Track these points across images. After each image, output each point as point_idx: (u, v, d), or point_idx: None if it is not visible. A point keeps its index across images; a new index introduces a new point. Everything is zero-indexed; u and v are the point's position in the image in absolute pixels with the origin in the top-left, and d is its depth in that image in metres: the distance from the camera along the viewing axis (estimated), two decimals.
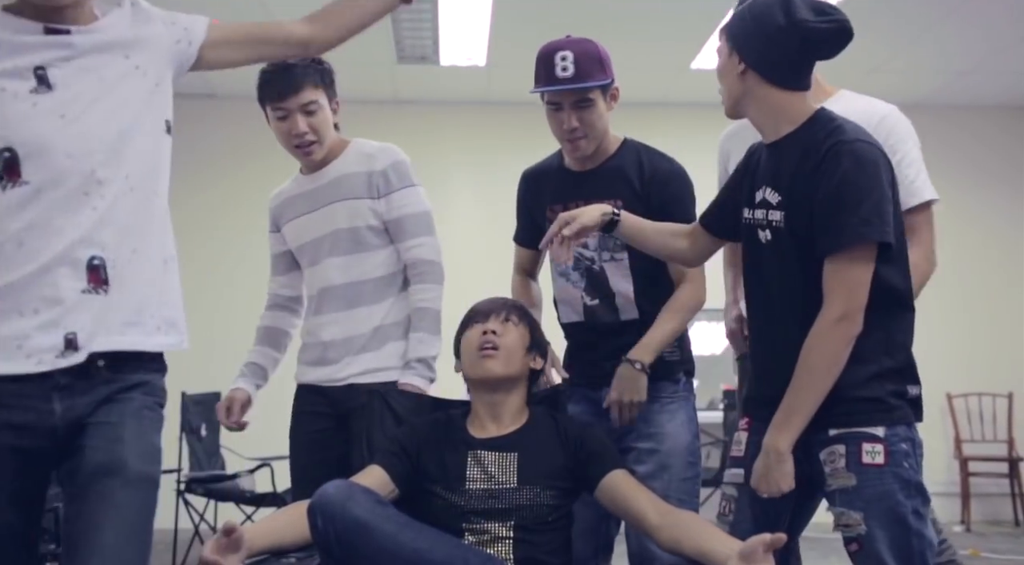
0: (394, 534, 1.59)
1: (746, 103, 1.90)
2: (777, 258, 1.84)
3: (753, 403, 1.95)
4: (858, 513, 1.71)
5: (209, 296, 6.66)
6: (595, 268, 2.28)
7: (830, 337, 1.71)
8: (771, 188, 1.86)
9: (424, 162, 7.84)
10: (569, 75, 2.18)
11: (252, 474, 4.77)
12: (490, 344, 1.96)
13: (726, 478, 1.94)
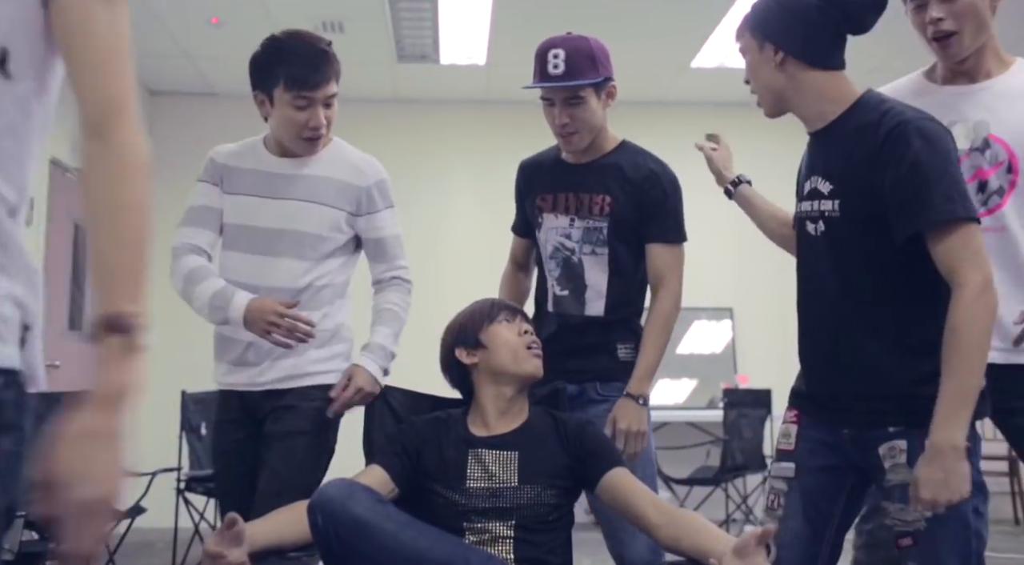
0: (394, 533, 1.59)
1: (790, 95, 1.83)
2: (833, 249, 1.78)
3: (803, 398, 1.89)
4: (916, 511, 1.68)
5: None
6: (574, 259, 2.33)
7: (975, 311, 1.61)
8: (822, 177, 1.81)
9: (424, 161, 7.89)
10: (559, 73, 2.22)
11: None
12: (537, 344, 2.03)
13: (774, 471, 1.89)
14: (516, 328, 2.03)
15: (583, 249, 2.32)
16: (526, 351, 2.00)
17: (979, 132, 1.94)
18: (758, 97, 1.89)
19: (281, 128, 2.27)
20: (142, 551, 5.32)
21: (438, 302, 2.63)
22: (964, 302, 1.62)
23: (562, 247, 2.34)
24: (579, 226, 2.32)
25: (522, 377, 2.01)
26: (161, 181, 5.70)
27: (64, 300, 5.52)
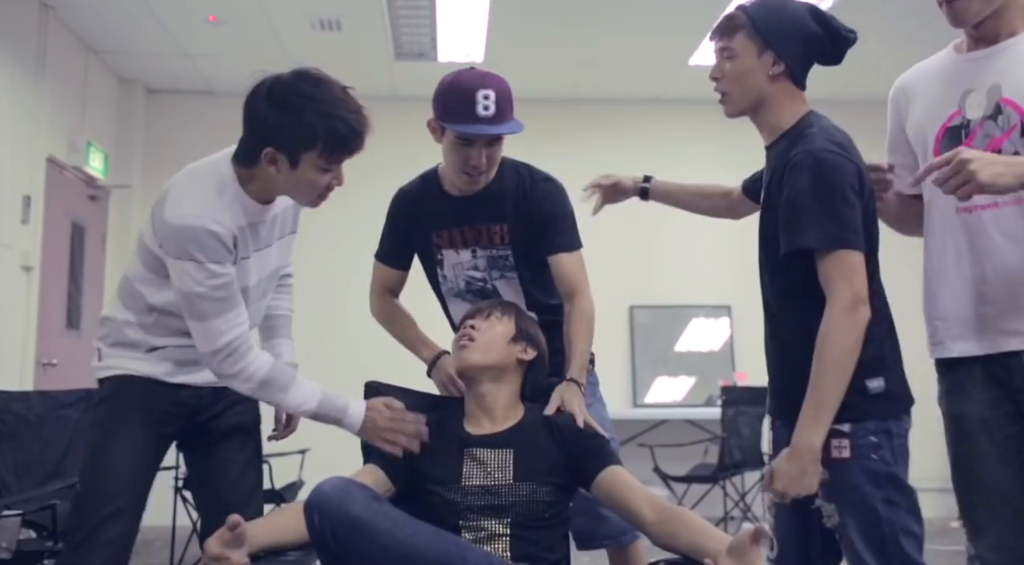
0: (390, 531, 1.59)
1: (765, 105, 1.94)
2: (763, 261, 1.99)
3: (772, 402, 2.04)
4: (831, 505, 1.82)
5: None
6: (488, 287, 2.35)
7: (841, 325, 1.75)
8: (764, 190, 1.98)
9: (421, 159, 7.85)
10: (491, 115, 2.20)
11: None
12: (466, 336, 2.02)
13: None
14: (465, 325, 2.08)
15: (492, 275, 2.35)
16: (455, 345, 2.05)
17: (992, 98, 1.87)
18: (728, 96, 1.97)
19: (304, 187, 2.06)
20: (140, 549, 5.32)
21: (434, 300, 2.62)
22: (832, 316, 1.76)
23: (473, 280, 2.37)
24: (482, 255, 2.34)
25: (458, 373, 2.07)
26: (158, 179, 5.74)
27: (62, 299, 5.51)
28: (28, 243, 5.01)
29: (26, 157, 5.05)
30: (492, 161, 2.26)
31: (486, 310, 2.07)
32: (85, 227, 5.83)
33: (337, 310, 6.65)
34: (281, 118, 1.94)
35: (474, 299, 2.35)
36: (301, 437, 6.38)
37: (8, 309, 4.85)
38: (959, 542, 6.13)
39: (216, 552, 1.61)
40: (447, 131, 2.26)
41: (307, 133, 1.95)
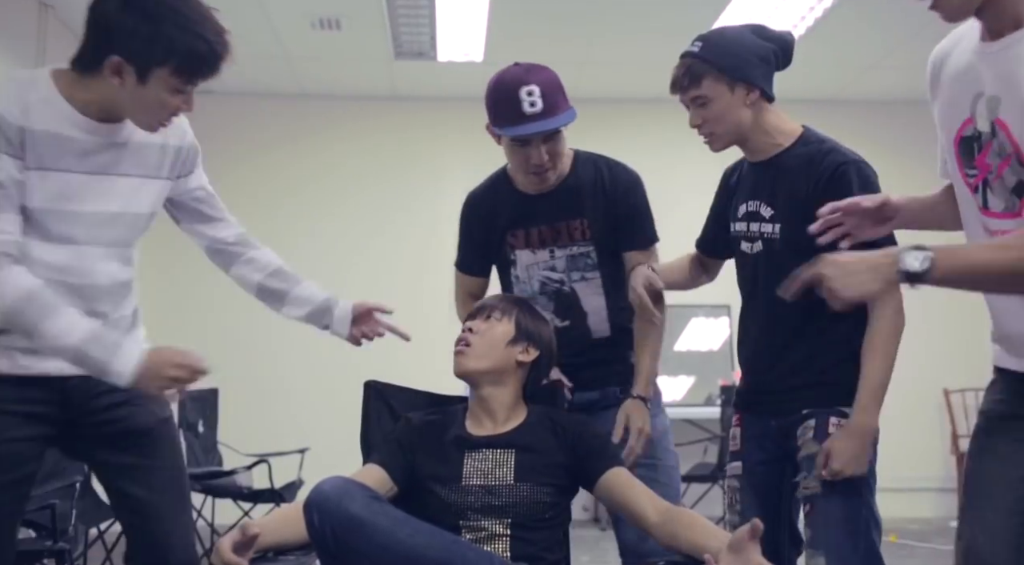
0: (390, 530, 1.59)
1: (748, 131, 2.05)
2: (771, 267, 1.99)
3: (741, 398, 2.17)
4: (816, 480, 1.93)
5: (204, 292, 6.65)
6: (565, 290, 2.24)
7: (893, 324, 1.94)
8: (763, 203, 2.05)
9: (421, 158, 7.88)
10: (539, 110, 2.08)
11: (250, 470, 4.77)
12: (462, 341, 2.00)
13: (728, 471, 2.15)
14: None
15: (572, 277, 2.24)
16: (454, 350, 2.01)
17: (991, 113, 1.54)
18: (715, 135, 2.05)
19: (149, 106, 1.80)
20: None
21: (433, 300, 2.62)
22: (887, 315, 1.92)
23: (549, 281, 2.26)
24: (561, 255, 2.23)
25: (458, 378, 2.02)
26: None
27: None
28: None
29: None
30: (556, 155, 2.15)
31: (487, 310, 2.04)
32: None
33: None
34: (138, 26, 1.71)
35: (547, 303, 2.25)
36: (301, 437, 6.41)
37: None
38: None
39: (233, 560, 1.60)
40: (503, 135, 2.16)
41: (164, 46, 1.71)
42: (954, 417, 6.74)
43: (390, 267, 6.69)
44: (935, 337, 6.95)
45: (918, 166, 3.09)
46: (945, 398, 6.78)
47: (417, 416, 2.03)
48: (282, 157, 6.82)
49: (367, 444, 2.11)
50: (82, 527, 3.78)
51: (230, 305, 6.71)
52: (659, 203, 2.49)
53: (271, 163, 6.81)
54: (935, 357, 6.92)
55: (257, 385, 6.52)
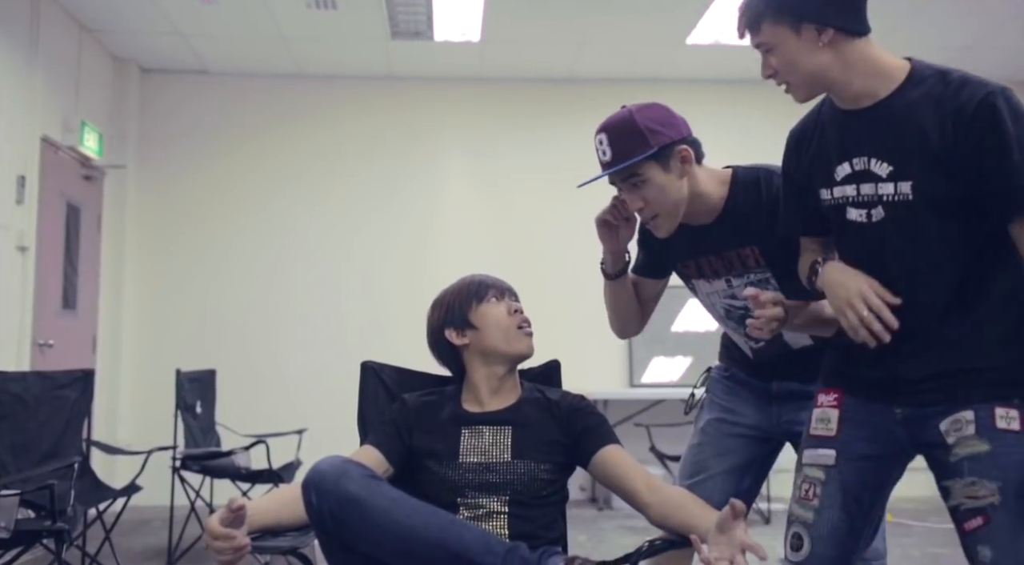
0: (388, 510, 1.60)
1: (835, 75, 1.67)
2: (904, 234, 1.65)
3: (849, 378, 1.78)
4: (993, 483, 1.58)
5: (203, 274, 6.65)
6: (752, 315, 1.96)
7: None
8: (875, 158, 1.67)
9: (418, 138, 7.84)
10: (608, 159, 1.99)
11: (247, 451, 4.78)
12: (528, 323, 2.02)
13: (809, 459, 1.77)
14: (505, 306, 2.02)
15: None
16: (517, 330, 2.00)
17: None
18: (792, 85, 1.71)
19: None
20: (139, 529, 5.34)
21: (431, 280, 2.62)
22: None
23: (732, 308, 2.12)
24: (739, 284, 2.06)
25: (514, 357, 2.01)
26: (153, 159, 5.72)
27: (58, 279, 5.50)
28: (23, 223, 5.00)
29: (20, 137, 5.02)
30: (651, 203, 1.99)
31: (513, 293, 2.09)
32: (80, 207, 5.81)
33: (333, 291, 6.64)
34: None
35: (737, 326, 2.13)
36: (299, 417, 6.44)
37: (4, 290, 4.84)
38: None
39: (221, 532, 1.60)
40: None
41: None
42: None
43: (388, 247, 6.68)
44: None
45: None
46: None
47: (413, 397, 2.04)
48: (279, 137, 6.79)
49: (364, 424, 2.12)
50: (81, 507, 3.79)
51: (227, 286, 6.73)
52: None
53: (268, 143, 6.79)
54: None
55: (255, 366, 6.52)
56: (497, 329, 1.99)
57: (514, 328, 2.00)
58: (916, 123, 1.63)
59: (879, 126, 1.67)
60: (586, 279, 7.78)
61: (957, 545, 1.67)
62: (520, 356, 2.01)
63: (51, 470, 3.60)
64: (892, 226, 1.67)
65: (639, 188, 1.99)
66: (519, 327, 2.00)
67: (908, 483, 7.07)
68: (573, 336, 6.51)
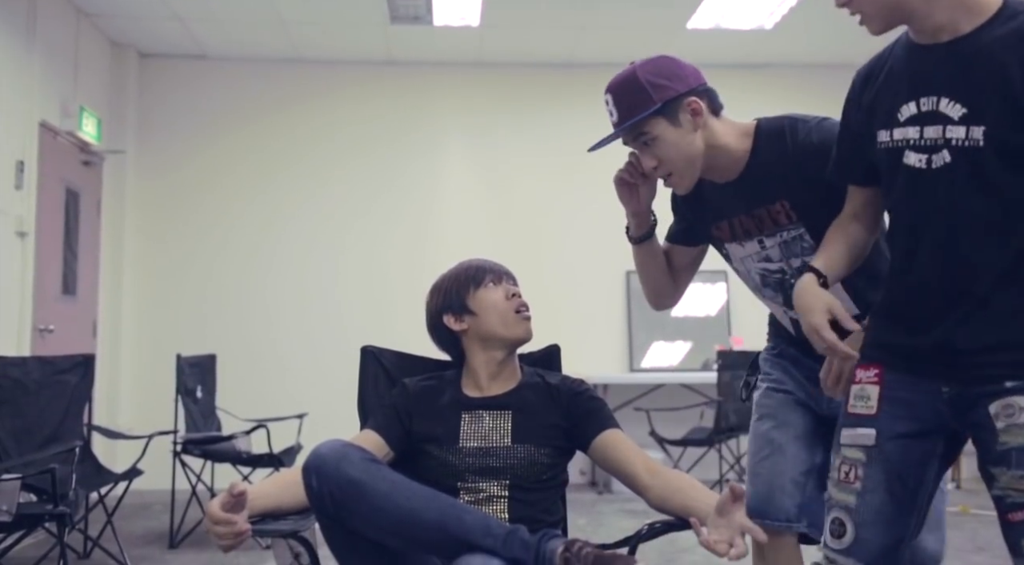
0: (388, 493, 1.60)
1: (914, 3, 1.51)
2: (969, 184, 1.49)
3: (891, 351, 1.61)
4: None
5: (203, 259, 6.65)
6: (789, 281, 1.93)
7: None
8: (947, 98, 1.50)
9: (417, 123, 7.82)
10: (615, 120, 1.92)
11: (248, 435, 4.79)
12: (526, 307, 2.01)
13: (848, 439, 1.63)
14: (503, 291, 2.01)
15: (791, 264, 1.94)
16: (515, 315, 1.99)
17: None
18: (865, 17, 1.57)
19: None
20: (140, 513, 5.36)
21: (432, 264, 2.62)
22: None
23: (768, 273, 2.00)
24: (772, 244, 1.94)
25: (512, 341, 2.00)
26: (152, 145, 5.71)
27: (57, 265, 5.50)
28: (22, 209, 4.99)
29: (18, 122, 5.01)
30: (665, 160, 1.90)
31: (510, 277, 2.07)
32: (79, 193, 5.80)
33: (333, 276, 6.64)
34: None
35: (775, 294, 2.00)
36: (299, 402, 6.45)
37: (4, 275, 4.84)
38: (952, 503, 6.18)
39: (222, 517, 1.61)
40: None
41: None
42: None
43: (388, 232, 6.68)
44: None
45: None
46: None
47: (413, 381, 2.04)
48: (278, 122, 6.77)
49: (364, 409, 2.12)
50: (82, 491, 3.81)
51: (228, 270, 6.73)
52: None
53: (267, 128, 6.77)
54: None
55: (255, 351, 6.53)
56: (495, 314, 1.98)
57: (512, 313, 1.99)
58: (999, 62, 1.46)
59: (956, 63, 1.50)
60: (586, 264, 7.81)
61: (954, 528, 1.67)
62: (518, 341, 2.01)
63: (52, 454, 3.62)
64: (954, 175, 1.50)
65: (650, 146, 1.90)
66: (517, 311, 2.00)
67: None
68: (573, 321, 6.52)
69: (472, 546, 1.56)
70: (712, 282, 6.81)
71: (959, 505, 5.46)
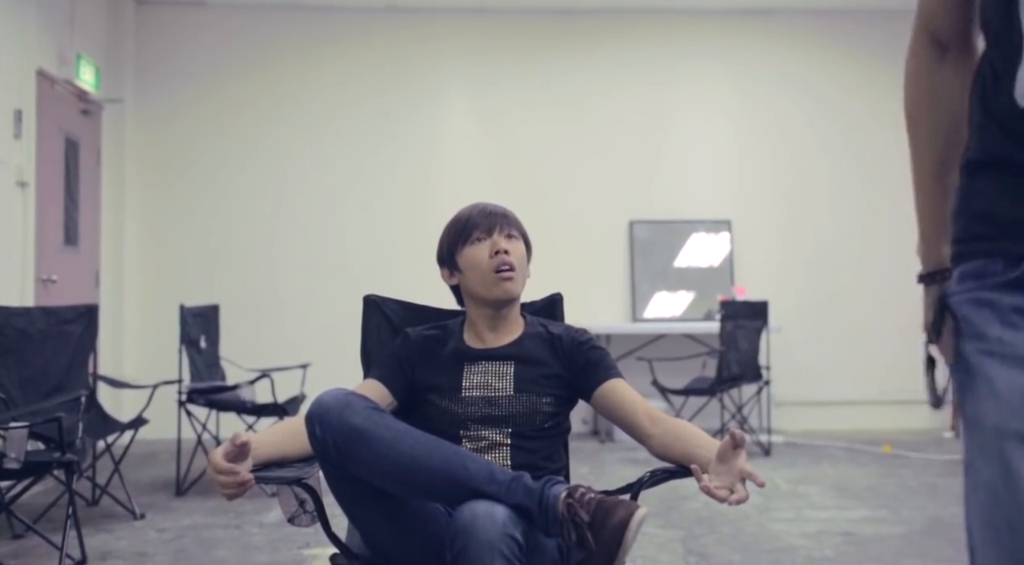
0: (392, 441, 1.61)
1: None
2: None
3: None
4: None
5: (205, 209, 6.63)
6: None
7: None
8: None
9: (419, 70, 7.72)
10: None
11: (252, 385, 4.82)
12: (507, 266, 1.93)
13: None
14: (488, 247, 1.94)
15: None
16: (494, 276, 1.92)
17: None
18: None
19: None
20: (147, 461, 5.43)
21: (434, 214, 2.61)
22: None
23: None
24: None
25: (492, 302, 1.95)
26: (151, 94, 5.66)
27: (59, 215, 5.48)
28: (22, 158, 4.96)
29: (15, 70, 4.95)
30: None
31: (503, 227, 1.97)
32: (79, 142, 5.76)
33: (336, 225, 6.63)
34: None
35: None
36: (303, 352, 6.48)
37: (5, 226, 4.83)
38: (951, 451, 6.28)
39: (225, 466, 1.62)
40: None
41: None
42: None
43: (391, 181, 6.65)
44: None
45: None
46: None
47: (416, 331, 2.04)
48: (278, 71, 6.70)
49: (367, 358, 2.12)
50: (89, 440, 3.85)
51: (229, 222, 6.71)
52: (660, 118, 2.44)
53: (267, 77, 6.70)
54: None
55: (258, 301, 6.55)
56: (476, 274, 1.94)
57: (491, 273, 1.92)
58: None
59: None
60: (589, 213, 7.78)
61: (952, 475, 1.68)
62: (497, 302, 1.95)
63: (58, 403, 3.64)
64: None
65: None
66: (497, 271, 1.92)
67: (906, 416, 7.17)
68: (576, 270, 6.52)
69: (476, 493, 1.57)
70: (715, 232, 6.78)
71: (957, 453, 5.50)
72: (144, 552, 3.55)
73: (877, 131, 6.81)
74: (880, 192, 6.87)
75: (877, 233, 6.89)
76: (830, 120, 6.94)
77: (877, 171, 6.89)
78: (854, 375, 6.89)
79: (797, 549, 3.56)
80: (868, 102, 6.85)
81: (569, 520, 1.53)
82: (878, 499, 4.44)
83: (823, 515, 4.13)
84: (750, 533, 3.80)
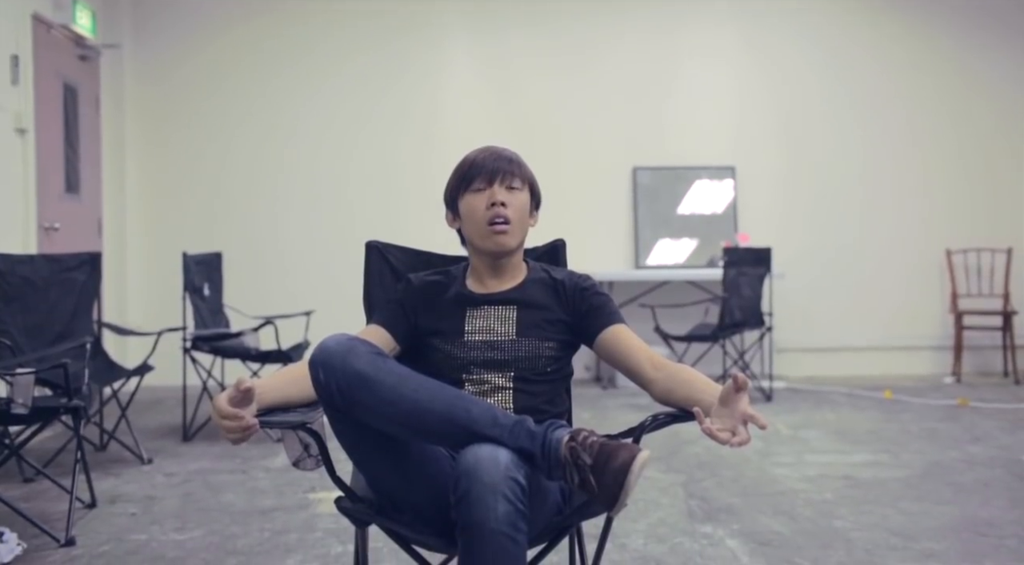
0: (395, 385, 1.61)
1: None
2: None
3: None
4: None
5: (209, 158, 6.59)
6: None
7: None
8: None
9: (422, 18, 7.63)
10: None
11: (256, 332, 4.85)
12: (501, 218, 1.91)
13: None
14: (486, 197, 1.92)
15: None
16: (487, 227, 1.91)
17: None
18: None
19: None
20: (153, 407, 5.48)
21: (439, 162, 2.59)
22: None
23: None
24: None
25: (486, 252, 1.95)
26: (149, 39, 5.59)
27: (59, 163, 5.46)
28: (20, 105, 4.92)
29: (10, 14, 4.89)
30: None
31: (504, 178, 1.94)
32: (77, 88, 5.70)
33: (341, 173, 6.60)
34: None
35: None
36: (306, 299, 6.51)
37: (6, 173, 4.81)
38: (951, 396, 6.32)
39: (230, 411, 1.62)
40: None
41: None
42: (955, 277, 6.79)
43: (394, 128, 6.59)
44: (938, 198, 6.91)
45: None
46: (947, 258, 6.80)
47: (418, 276, 2.04)
48: (280, 19, 6.61)
49: (369, 304, 2.13)
50: (95, 386, 3.88)
51: (234, 169, 6.68)
52: (665, 64, 2.40)
53: (269, 24, 6.61)
54: (938, 218, 6.91)
55: (262, 249, 6.55)
56: (472, 223, 1.94)
57: (485, 225, 1.91)
58: None
59: None
60: (593, 160, 7.74)
61: (952, 420, 1.69)
62: (489, 254, 1.95)
63: (64, 350, 3.66)
64: None
65: None
66: (490, 223, 1.91)
67: (907, 362, 7.21)
68: (580, 217, 6.50)
69: (479, 436, 1.58)
70: (719, 178, 6.74)
71: (958, 398, 5.55)
72: (153, 495, 3.60)
73: (880, 78, 6.73)
74: (883, 139, 6.81)
75: (880, 181, 6.85)
76: (834, 67, 6.85)
77: (880, 118, 6.82)
78: (856, 321, 6.91)
79: (797, 493, 3.60)
80: (871, 49, 6.76)
81: (572, 463, 1.54)
82: (878, 443, 4.48)
83: (823, 459, 4.18)
84: (751, 477, 3.85)
